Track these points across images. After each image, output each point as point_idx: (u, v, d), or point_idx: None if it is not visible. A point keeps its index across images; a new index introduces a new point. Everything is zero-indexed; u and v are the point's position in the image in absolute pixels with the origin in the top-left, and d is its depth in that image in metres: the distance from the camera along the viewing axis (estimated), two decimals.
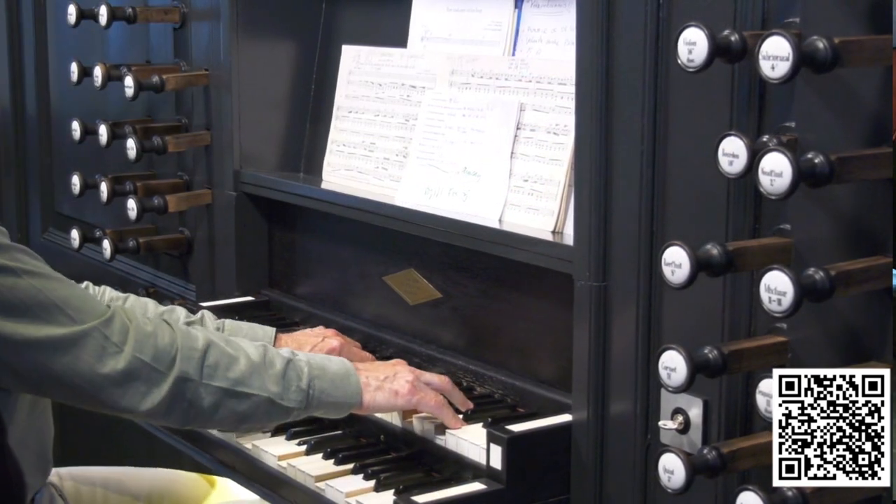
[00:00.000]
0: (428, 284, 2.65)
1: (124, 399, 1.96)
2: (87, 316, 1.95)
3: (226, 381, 2.03)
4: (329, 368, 2.20)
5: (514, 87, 2.55)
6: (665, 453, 1.76)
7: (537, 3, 2.57)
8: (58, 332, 1.92)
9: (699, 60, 1.71)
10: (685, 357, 1.73)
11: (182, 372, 2.00)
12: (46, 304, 1.92)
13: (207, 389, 2.01)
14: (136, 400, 1.96)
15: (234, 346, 2.09)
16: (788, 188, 1.60)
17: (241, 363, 2.06)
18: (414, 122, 2.78)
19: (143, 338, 1.98)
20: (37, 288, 1.92)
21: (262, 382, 2.08)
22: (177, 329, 2.03)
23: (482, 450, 2.19)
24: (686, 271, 1.71)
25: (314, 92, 3.16)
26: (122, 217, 3.28)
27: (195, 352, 2.02)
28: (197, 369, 2.01)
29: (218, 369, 2.03)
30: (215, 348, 2.05)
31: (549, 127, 2.45)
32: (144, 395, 1.97)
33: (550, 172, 2.42)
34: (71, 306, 1.94)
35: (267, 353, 2.13)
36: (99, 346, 1.94)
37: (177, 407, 2.00)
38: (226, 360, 2.05)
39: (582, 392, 2.14)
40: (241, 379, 2.05)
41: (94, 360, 1.93)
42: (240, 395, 2.06)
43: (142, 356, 1.97)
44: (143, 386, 1.97)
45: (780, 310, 1.63)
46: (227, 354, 2.06)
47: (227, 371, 2.04)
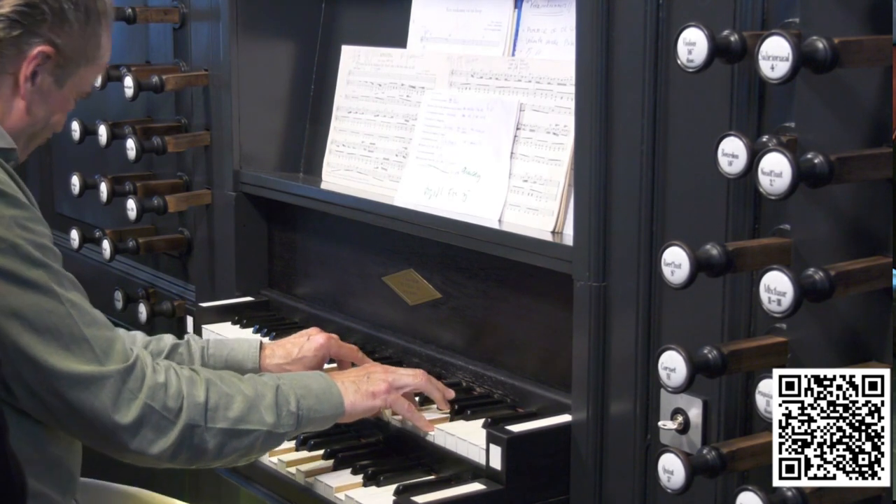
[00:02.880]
0: (428, 285, 2.65)
1: (133, 443, 2.00)
2: (112, 359, 1.98)
3: (226, 420, 2.08)
4: (311, 386, 2.22)
5: (514, 87, 2.55)
6: (665, 453, 1.76)
7: (537, 3, 2.57)
8: (82, 369, 1.96)
9: (699, 61, 1.71)
10: (685, 357, 1.73)
11: (189, 419, 2.05)
12: (78, 337, 1.96)
13: (211, 433, 2.07)
14: (144, 445, 2.01)
15: (227, 384, 2.13)
16: (788, 188, 1.60)
17: (238, 400, 2.11)
18: (414, 122, 2.78)
19: (155, 387, 2.02)
20: (73, 319, 1.96)
21: (259, 416, 2.12)
22: (181, 375, 2.07)
23: (482, 450, 2.19)
24: (686, 271, 1.71)
25: (314, 92, 3.16)
26: (121, 217, 3.28)
27: (199, 398, 2.06)
28: (201, 414, 2.06)
29: (218, 410, 2.08)
30: (214, 389, 2.10)
31: (548, 127, 2.45)
32: (153, 442, 2.01)
33: (550, 172, 2.42)
34: (99, 345, 1.98)
35: (256, 384, 2.17)
36: (116, 390, 1.98)
37: (183, 451, 2.05)
38: (225, 400, 2.10)
39: (582, 392, 2.14)
40: (240, 417, 2.10)
41: (110, 403, 1.97)
42: (241, 434, 2.10)
43: (153, 404, 2.01)
44: (151, 433, 2.01)
45: (779, 310, 1.63)
46: (224, 394, 2.10)
47: (227, 411, 2.09)
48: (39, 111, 2.15)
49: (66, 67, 2.14)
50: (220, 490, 3.29)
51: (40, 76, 2.11)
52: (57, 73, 2.13)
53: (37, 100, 2.13)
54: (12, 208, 1.92)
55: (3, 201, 1.92)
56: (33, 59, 2.09)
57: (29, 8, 2.08)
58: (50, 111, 2.17)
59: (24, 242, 1.92)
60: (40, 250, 1.95)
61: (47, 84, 2.13)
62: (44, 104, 2.15)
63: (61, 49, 2.11)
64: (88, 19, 2.15)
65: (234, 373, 2.21)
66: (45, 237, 1.98)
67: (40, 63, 2.10)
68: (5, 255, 1.90)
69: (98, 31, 2.18)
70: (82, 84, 2.21)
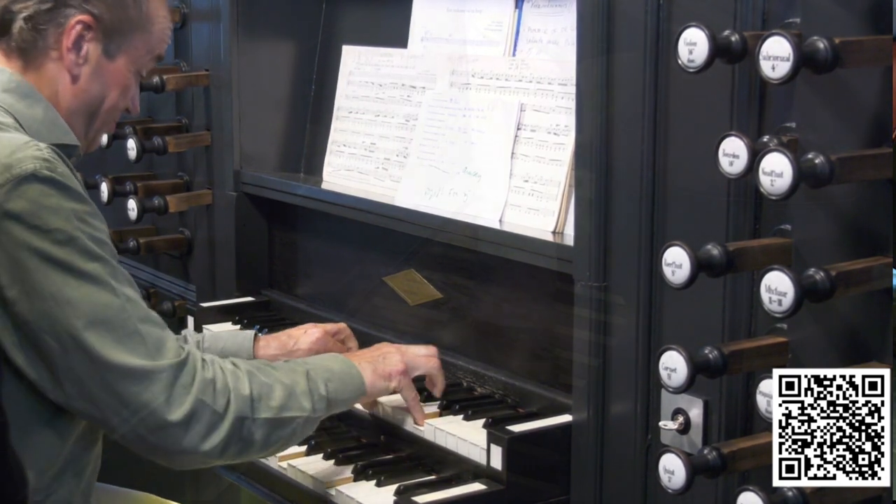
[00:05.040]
0: (428, 285, 2.65)
1: (186, 439, 1.99)
2: (164, 355, 1.98)
3: (270, 410, 2.08)
4: (334, 368, 2.22)
5: (515, 87, 2.55)
6: (665, 454, 1.76)
7: (537, 3, 2.57)
8: (134, 362, 1.95)
9: (699, 61, 1.71)
10: (685, 357, 1.73)
11: (238, 412, 2.04)
12: (131, 330, 1.96)
13: (257, 423, 2.06)
14: (196, 441, 1.99)
15: (265, 373, 2.13)
16: (789, 188, 1.60)
17: (277, 389, 2.10)
18: (414, 122, 2.78)
19: (205, 382, 2.01)
20: (128, 313, 1.96)
21: (298, 403, 2.12)
22: (225, 369, 2.07)
23: (483, 450, 2.19)
24: (686, 271, 1.71)
25: (314, 92, 3.16)
26: (122, 217, 3.28)
27: (244, 391, 2.06)
28: (249, 406, 2.05)
29: (262, 400, 2.08)
30: (255, 380, 2.09)
31: (549, 127, 2.45)
32: (205, 438, 2.00)
33: (551, 173, 2.42)
34: (152, 341, 1.97)
35: (289, 372, 2.16)
36: (169, 385, 1.97)
37: (232, 444, 2.04)
38: (266, 390, 2.09)
39: (582, 392, 2.14)
40: (282, 405, 2.10)
41: (162, 399, 1.96)
42: (284, 422, 2.10)
43: (205, 398, 2.00)
44: (204, 428, 2.00)
45: (780, 310, 1.63)
46: (265, 384, 2.09)
47: (270, 400, 2.08)
48: (93, 86, 2.14)
49: (112, 37, 2.12)
50: (221, 490, 3.30)
51: (85, 47, 2.10)
52: (105, 43, 2.12)
53: (87, 73, 2.12)
54: (73, 202, 1.93)
55: (64, 194, 1.92)
56: (72, 29, 2.08)
57: None
58: (105, 86, 2.15)
59: (83, 235, 1.93)
60: (98, 244, 1.96)
61: (95, 56, 2.12)
62: (97, 79, 2.14)
63: (100, 17, 2.10)
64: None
65: (267, 361, 2.20)
66: (102, 232, 1.99)
67: (80, 33, 2.09)
68: (63, 246, 1.92)
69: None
70: (138, 56, 2.18)
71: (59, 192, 1.92)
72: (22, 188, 1.90)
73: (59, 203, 1.92)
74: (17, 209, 1.90)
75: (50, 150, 1.95)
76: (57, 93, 2.11)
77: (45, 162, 1.92)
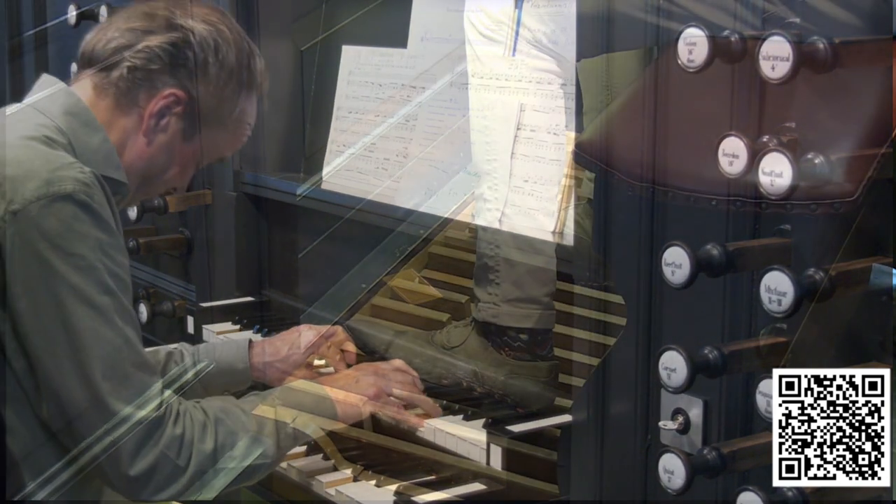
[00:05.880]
0: (428, 285, 2.65)
1: (144, 491, 2.01)
2: (144, 406, 1.98)
3: (232, 460, 2.10)
4: (304, 402, 2.23)
5: (514, 87, 2.55)
6: (665, 454, 1.76)
7: (537, 3, 2.56)
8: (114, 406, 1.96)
9: (699, 61, 1.71)
10: (685, 357, 1.73)
11: (199, 465, 2.05)
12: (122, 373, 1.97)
13: (218, 474, 2.08)
14: (151, 492, 2.01)
15: (233, 418, 2.13)
16: (789, 188, 1.60)
17: (242, 439, 2.12)
18: (414, 122, 2.78)
19: (172, 438, 2.02)
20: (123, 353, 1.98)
21: (262, 448, 2.14)
22: (195, 421, 2.08)
23: (482, 450, 2.19)
24: (686, 271, 1.71)
25: (314, 92, 3.16)
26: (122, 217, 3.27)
27: (207, 446, 2.07)
28: (210, 460, 2.07)
29: (224, 451, 2.09)
30: (221, 428, 2.10)
31: (549, 127, 2.45)
32: (162, 489, 2.02)
33: (551, 173, 2.42)
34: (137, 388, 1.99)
35: (257, 416, 2.16)
36: (140, 439, 1.98)
37: (191, 493, 2.05)
38: (231, 440, 2.10)
39: (582, 392, 2.14)
40: (245, 453, 2.11)
41: (131, 448, 1.97)
42: (246, 470, 2.11)
43: (169, 453, 2.02)
44: (163, 480, 2.01)
45: (780, 310, 1.63)
46: (230, 434, 2.10)
47: (233, 450, 2.10)
48: (160, 156, 2.16)
49: (195, 121, 2.14)
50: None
51: (167, 118, 2.12)
52: (185, 123, 2.14)
53: (159, 143, 2.14)
54: (102, 232, 1.95)
55: (94, 222, 1.94)
56: (162, 98, 2.10)
57: (174, 48, 2.10)
58: (169, 161, 2.17)
59: (103, 267, 1.96)
60: (114, 279, 1.97)
61: (173, 131, 2.14)
62: (165, 151, 2.15)
63: (193, 98, 2.12)
64: (229, 82, 2.15)
65: (236, 402, 2.20)
66: (122, 267, 2.00)
67: (168, 104, 2.11)
68: (82, 273, 1.94)
69: (237, 97, 2.18)
70: (211, 147, 2.21)
71: (92, 219, 1.94)
72: (56, 206, 1.92)
73: (87, 230, 1.93)
74: (47, 226, 1.92)
75: (92, 177, 1.96)
76: (125, 144, 2.13)
77: (84, 186, 1.93)
